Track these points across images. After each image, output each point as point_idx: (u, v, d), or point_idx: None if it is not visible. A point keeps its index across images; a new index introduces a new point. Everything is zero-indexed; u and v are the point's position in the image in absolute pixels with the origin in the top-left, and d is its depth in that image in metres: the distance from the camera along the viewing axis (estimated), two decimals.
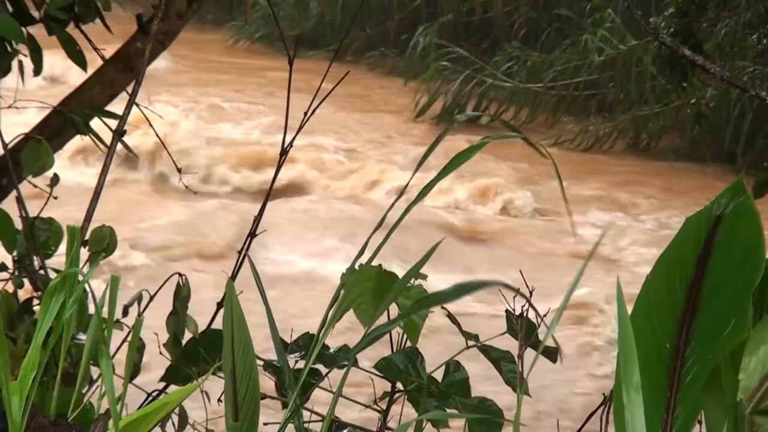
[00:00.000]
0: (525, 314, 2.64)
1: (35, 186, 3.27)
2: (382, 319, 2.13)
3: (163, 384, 2.97)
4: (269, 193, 3.29)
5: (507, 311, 2.69)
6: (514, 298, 2.51)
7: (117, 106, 3.53)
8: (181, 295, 3.03)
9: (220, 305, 3.04)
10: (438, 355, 2.76)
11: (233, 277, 2.93)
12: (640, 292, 1.70)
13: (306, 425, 2.29)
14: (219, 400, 2.13)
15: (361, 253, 1.80)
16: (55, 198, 3.18)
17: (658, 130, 15.68)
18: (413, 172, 1.78)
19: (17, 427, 1.68)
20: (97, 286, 1.99)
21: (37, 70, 3.42)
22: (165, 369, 2.91)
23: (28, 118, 3.74)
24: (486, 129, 14.64)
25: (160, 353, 2.96)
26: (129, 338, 2.24)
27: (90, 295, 1.96)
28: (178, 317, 3.00)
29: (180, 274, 3.05)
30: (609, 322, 9.61)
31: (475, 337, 2.76)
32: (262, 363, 2.56)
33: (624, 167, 14.99)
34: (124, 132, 3.39)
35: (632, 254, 11.69)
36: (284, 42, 3.73)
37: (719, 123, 14.89)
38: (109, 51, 3.62)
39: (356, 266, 2.25)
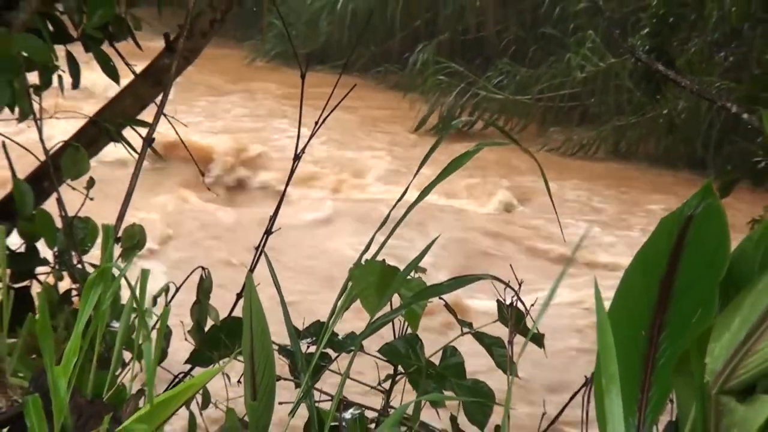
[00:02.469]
0: (514, 304, 2.64)
1: (73, 188, 3.28)
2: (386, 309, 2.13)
3: (188, 367, 2.98)
4: (284, 194, 3.30)
5: (498, 301, 2.69)
6: (504, 289, 2.51)
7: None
8: (204, 286, 3.04)
9: (239, 296, 3.04)
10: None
11: (251, 270, 2.94)
12: (619, 285, 1.71)
13: (317, 404, 2.29)
14: (239, 381, 2.13)
15: (367, 248, 1.80)
16: (92, 199, 3.19)
17: (636, 138, 15.71)
18: (413, 176, 1.78)
19: (61, 406, 1.68)
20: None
21: (75, 84, 3.43)
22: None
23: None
24: (480, 137, 14.67)
25: (185, 339, 2.97)
26: (157, 325, 2.24)
27: (126, 286, 1.97)
28: (201, 306, 3.01)
29: (203, 268, 3.05)
30: None
31: (469, 325, 2.76)
32: (276, 348, 2.56)
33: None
34: (153, 139, 3.40)
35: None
36: (297, 58, 3.73)
37: (690, 132, 14.91)
38: (139, 66, 3.63)
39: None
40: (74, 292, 3.00)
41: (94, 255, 3.01)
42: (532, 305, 2.63)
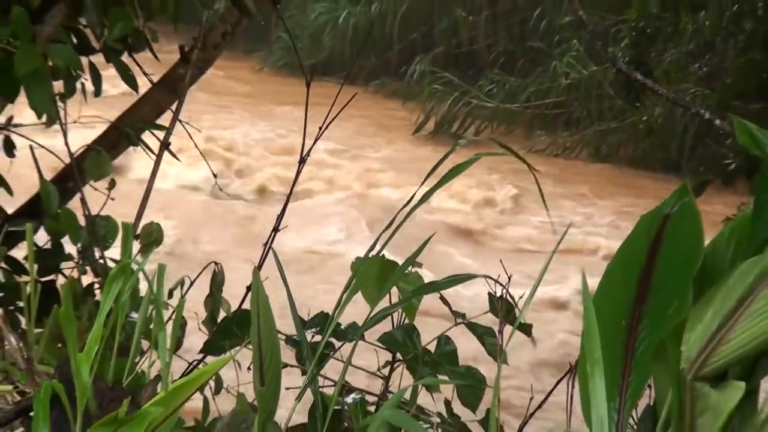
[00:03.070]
0: (504, 297, 2.64)
1: (96, 189, 3.28)
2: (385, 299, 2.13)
3: (202, 355, 2.97)
4: (290, 193, 3.29)
5: (489, 294, 2.69)
6: (496, 283, 2.51)
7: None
8: (217, 280, 3.03)
9: (248, 289, 3.04)
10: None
11: (259, 266, 2.93)
12: (602, 278, 1.70)
13: (321, 389, 2.29)
14: (248, 368, 2.13)
15: (373, 246, 1.80)
16: (113, 199, 3.18)
17: (617, 142, 15.73)
18: (420, 184, 1.78)
19: (84, 391, 1.68)
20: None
21: (97, 92, 3.42)
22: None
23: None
24: (473, 142, 14.72)
25: (199, 329, 2.96)
26: (173, 317, 2.24)
27: (144, 279, 1.96)
28: (214, 299, 3.00)
29: (216, 263, 3.04)
30: None
31: (463, 316, 2.75)
32: (284, 337, 2.56)
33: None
34: (170, 143, 3.39)
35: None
36: (302, 69, 3.73)
37: (666, 136, 14.93)
38: (156, 76, 3.63)
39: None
40: (96, 286, 2.99)
41: (114, 251, 3.01)
42: (520, 298, 2.62)
